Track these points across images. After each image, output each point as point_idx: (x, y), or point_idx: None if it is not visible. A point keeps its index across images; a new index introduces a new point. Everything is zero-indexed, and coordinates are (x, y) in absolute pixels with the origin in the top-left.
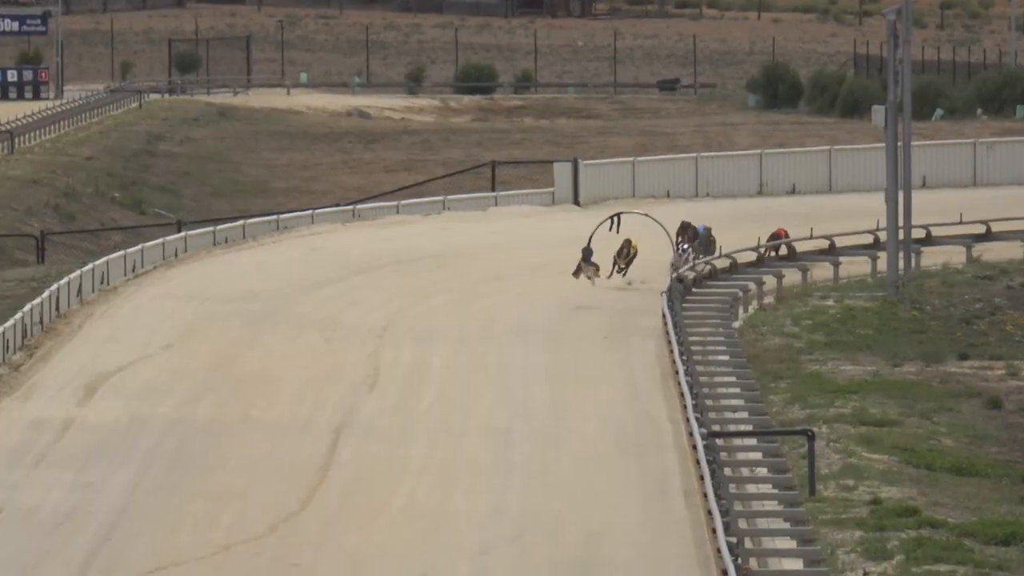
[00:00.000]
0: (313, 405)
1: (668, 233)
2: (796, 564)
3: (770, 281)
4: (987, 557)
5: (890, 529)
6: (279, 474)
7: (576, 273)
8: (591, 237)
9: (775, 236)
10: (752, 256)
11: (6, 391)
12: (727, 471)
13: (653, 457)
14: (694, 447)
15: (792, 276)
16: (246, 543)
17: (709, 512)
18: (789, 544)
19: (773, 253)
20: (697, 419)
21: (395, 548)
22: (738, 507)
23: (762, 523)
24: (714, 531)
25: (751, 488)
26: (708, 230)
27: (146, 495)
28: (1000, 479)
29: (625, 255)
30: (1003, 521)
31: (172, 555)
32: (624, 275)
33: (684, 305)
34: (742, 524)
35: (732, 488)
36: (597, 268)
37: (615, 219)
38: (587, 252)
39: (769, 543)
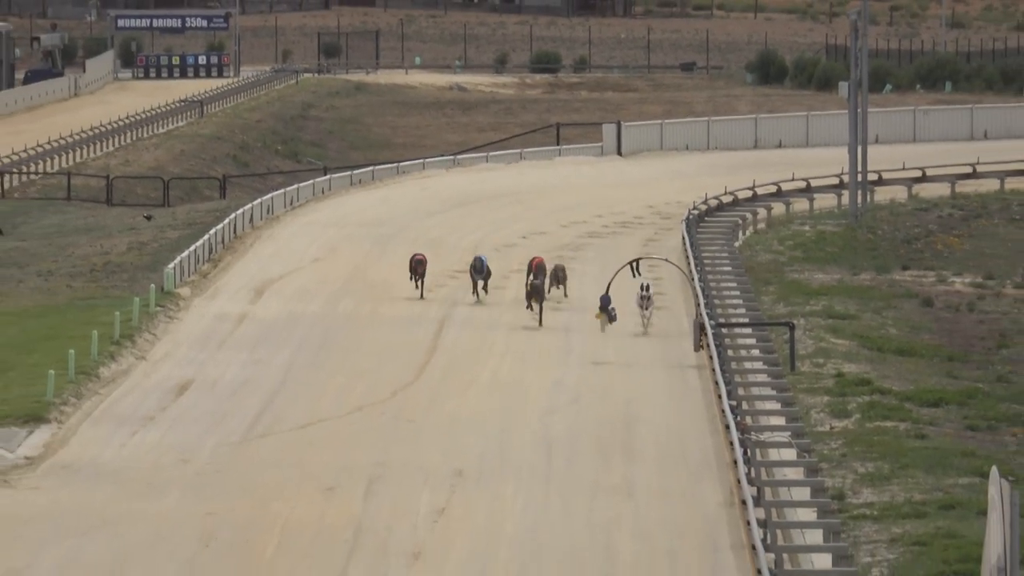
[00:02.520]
0: (424, 302)
1: (685, 274)
2: (780, 420)
3: (762, 212)
4: (921, 416)
5: (850, 395)
6: (398, 355)
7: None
8: (609, 285)
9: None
10: (749, 193)
11: (197, 293)
12: (730, 353)
13: (674, 342)
14: (704, 335)
15: (778, 208)
16: (373, 405)
17: (716, 383)
18: (775, 406)
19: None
20: (707, 314)
21: (483, 410)
22: (737, 379)
23: (755, 391)
24: (719, 396)
25: (747, 365)
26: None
27: (299, 370)
28: (931, 359)
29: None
30: (933, 389)
31: (319, 414)
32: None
33: (698, 230)
34: (740, 391)
35: (733, 365)
36: (608, 318)
37: (635, 264)
38: (605, 300)
39: (760, 405)
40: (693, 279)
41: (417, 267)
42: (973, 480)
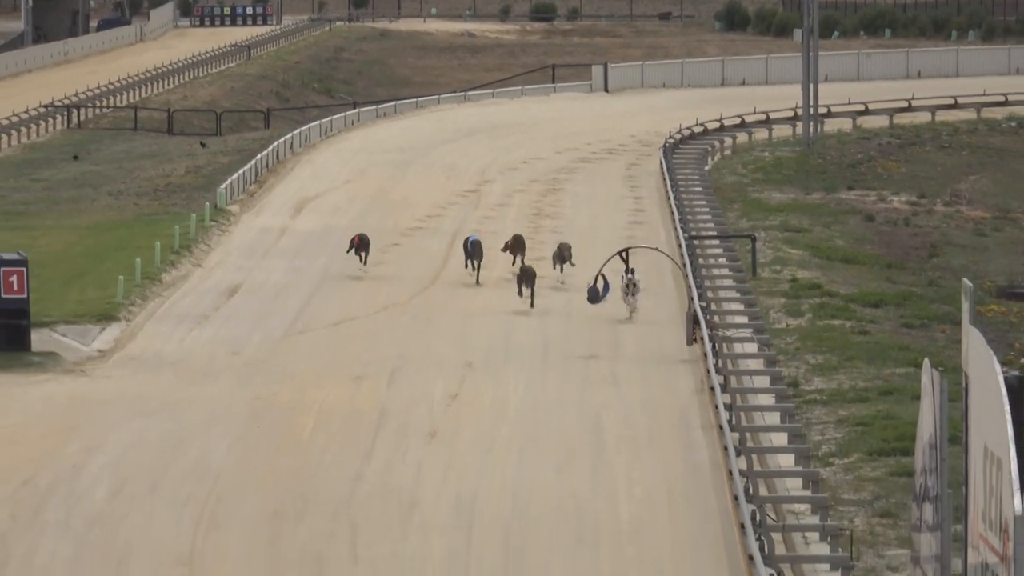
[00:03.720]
0: (439, 217)
1: (675, 262)
2: (743, 320)
3: (728, 141)
4: (864, 315)
5: (803, 297)
6: (417, 262)
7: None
8: (597, 276)
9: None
10: (717, 124)
11: (245, 209)
12: (700, 261)
13: (653, 253)
14: (680, 246)
15: (742, 137)
16: (396, 306)
17: (689, 287)
18: (739, 307)
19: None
20: (682, 226)
21: (491, 306)
22: (707, 283)
23: (723, 294)
24: (691, 299)
25: (715, 271)
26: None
27: (333, 276)
28: (873, 266)
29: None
30: (874, 292)
31: (350, 313)
32: (524, 296)
33: (673, 156)
34: (710, 294)
35: (703, 272)
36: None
37: (624, 254)
38: (593, 292)
39: (727, 306)
40: (686, 270)
41: (361, 245)
42: (908, 370)
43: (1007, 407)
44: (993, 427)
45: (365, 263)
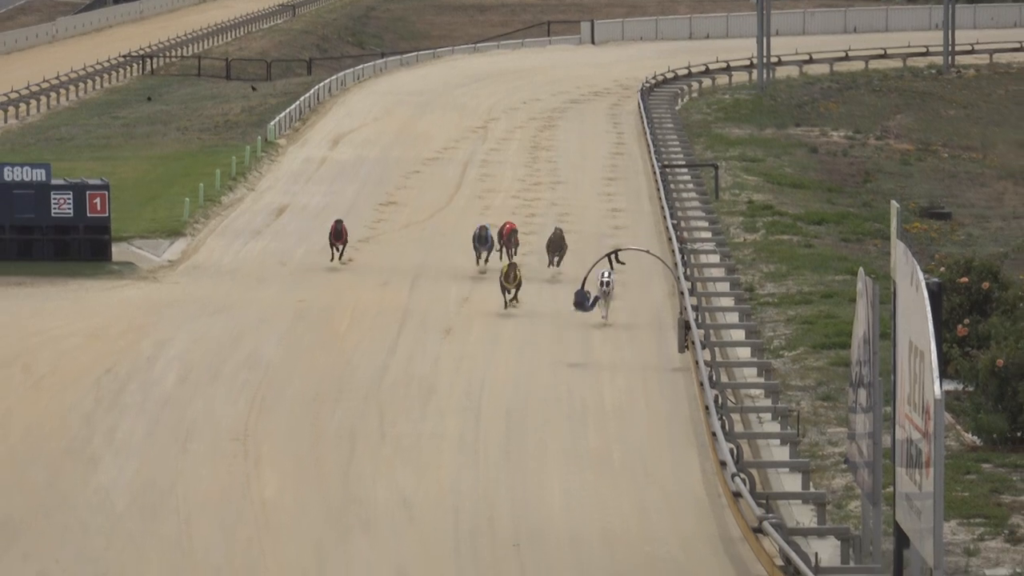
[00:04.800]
0: (453, 149)
1: (666, 264)
2: (707, 235)
3: (695, 85)
4: (809, 231)
5: (757, 216)
6: (434, 186)
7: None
8: (585, 280)
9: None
10: (686, 72)
11: (291, 142)
12: (672, 186)
13: (632, 179)
14: (655, 173)
15: (707, 82)
16: (416, 224)
17: (663, 207)
18: (704, 224)
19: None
20: (656, 156)
21: (499, 224)
22: (678, 205)
23: (691, 213)
24: (665, 217)
25: (684, 195)
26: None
27: (364, 197)
28: (816, 190)
29: (513, 279)
30: (818, 212)
31: (377, 230)
32: (513, 299)
33: (649, 98)
34: (680, 214)
35: (675, 195)
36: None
37: (614, 255)
38: (580, 295)
39: (695, 224)
40: (678, 274)
41: (338, 236)
42: (846, 277)
43: (928, 308)
44: (917, 325)
45: (340, 257)
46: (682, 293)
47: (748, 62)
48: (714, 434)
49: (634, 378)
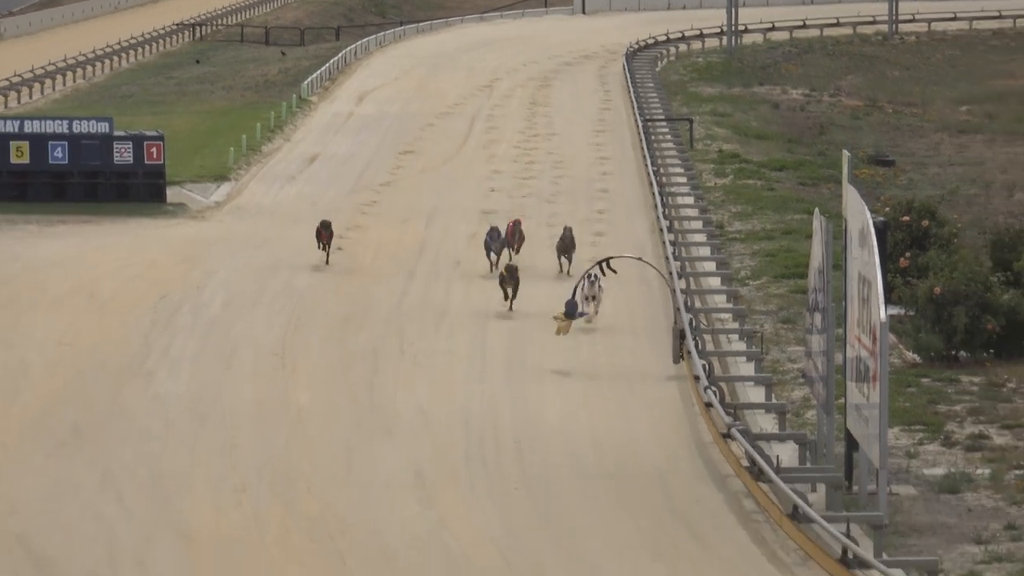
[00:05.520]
0: (462, 104)
1: (660, 272)
2: (682, 180)
3: (673, 50)
4: (772, 176)
5: (726, 164)
6: (445, 137)
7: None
8: (576, 289)
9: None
10: (664, 38)
11: (322, 99)
12: (653, 137)
13: (618, 131)
14: (637, 126)
15: (683, 47)
16: (430, 170)
17: (645, 156)
18: (680, 171)
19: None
20: (639, 112)
21: (504, 172)
22: (658, 154)
23: (669, 160)
24: (647, 164)
25: (663, 145)
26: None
27: (386, 147)
28: (778, 141)
29: (511, 280)
30: (780, 159)
31: (397, 175)
32: (511, 300)
33: (633, 61)
34: (660, 162)
35: (655, 145)
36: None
37: (605, 263)
38: (572, 305)
39: (673, 170)
40: (672, 283)
41: (322, 233)
42: (803, 216)
43: (875, 243)
44: (865, 258)
45: (327, 258)
46: (678, 309)
47: (719, 30)
48: (689, 352)
49: (619, 299)
